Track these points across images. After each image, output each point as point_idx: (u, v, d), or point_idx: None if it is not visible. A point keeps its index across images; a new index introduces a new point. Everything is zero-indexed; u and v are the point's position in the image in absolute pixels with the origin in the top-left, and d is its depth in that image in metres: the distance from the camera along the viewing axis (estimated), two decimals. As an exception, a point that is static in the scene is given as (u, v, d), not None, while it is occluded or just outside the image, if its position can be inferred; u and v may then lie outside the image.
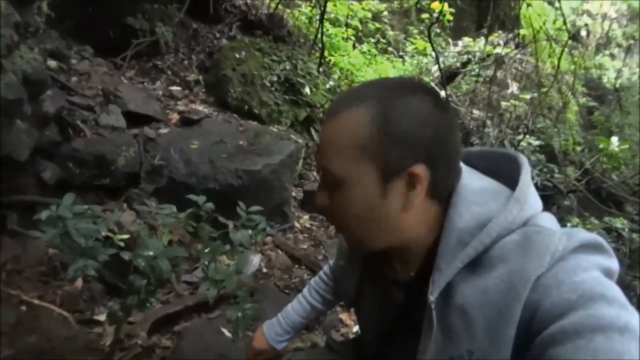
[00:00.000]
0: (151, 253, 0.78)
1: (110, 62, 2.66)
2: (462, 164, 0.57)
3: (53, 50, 2.03)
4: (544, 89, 3.85)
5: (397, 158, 0.50)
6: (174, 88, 2.87)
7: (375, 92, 0.52)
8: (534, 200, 0.53)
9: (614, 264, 0.47)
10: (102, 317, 1.46)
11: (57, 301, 1.44)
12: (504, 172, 0.57)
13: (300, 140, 2.63)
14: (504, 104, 3.86)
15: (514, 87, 3.94)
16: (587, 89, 5.01)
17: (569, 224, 3.66)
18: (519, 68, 4.04)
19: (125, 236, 0.97)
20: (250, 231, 0.97)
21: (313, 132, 3.09)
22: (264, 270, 1.99)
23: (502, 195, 0.53)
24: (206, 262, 0.87)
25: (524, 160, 0.57)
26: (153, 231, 1.08)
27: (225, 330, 1.51)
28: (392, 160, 0.50)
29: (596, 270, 0.45)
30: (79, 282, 1.57)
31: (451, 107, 0.59)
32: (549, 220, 0.51)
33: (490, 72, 3.79)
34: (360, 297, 0.73)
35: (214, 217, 0.96)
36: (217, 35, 3.49)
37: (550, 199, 4.18)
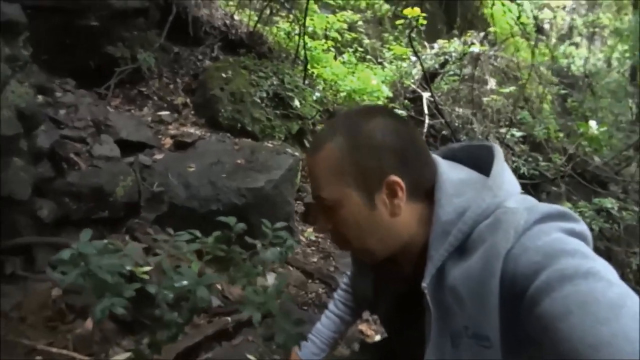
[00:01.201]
0: (185, 282, 0.74)
1: (94, 93, 2.60)
2: (443, 159, 0.65)
3: (37, 84, 1.96)
4: (521, 82, 4.01)
5: (372, 174, 0.58)
6: (162, 113, 2.82)
7: (343, 123, 0.61)
8: (509, 185, 0.59)
9: (578, 226, 0.52)
10: (119, 358, 1.38)
11: (69, 346, 1.35)
12: (483, 162, 0.63)
13: (297, 154, 2.62)
14: (485, 99, 3.99)
15: (492, 83, 4.10)
16: (558, 77, 5.26)
17: (560, 209, 3.79)
18: (495, 64, 4.21)
19: (148, 268, 0.92)
20: (278, 248, 0.95)
21: (307, 144, 3.09)
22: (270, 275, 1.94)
23: (479, 184, 0.59)
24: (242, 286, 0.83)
25: (497, 149, 0.64)
26: (170, 260, 1.03)
27: (251, 357, 1.45)
28: (368, 177, 0.58)
29: (557, 232, 0.50)
30: (89, 324, 1.48)
31: (409, 120, 0.66)
32: (521, 201, 0.56)
33: (467, 71, 3.92)
34: (377, 299, 0.78)
35: (241, 237, 0.93)
36: (200, 57, 3.47)
37: (538, 186, 4.32)
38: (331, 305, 1.01)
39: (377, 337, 1.85)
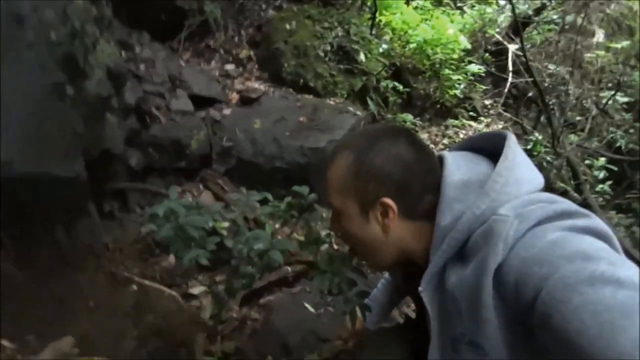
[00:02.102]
0: (261, 246, 0.79)
1: (167, 47, 2.70)
2: (454, 155, 0.65)
3: (119, 40, 2.09)
4: (637, 35, 3.25)
5: (369, 194, 0.63)
6: (228, 67, 2.87)
7: (356, 141, 0.67)
8: (514, 185, 0.55)
9: (582, 221, 0.49)
10: (196, 291, 1.59)
11: (157, 277, 1.58)
12: (501, 151, 0.60)
13: (359, 113, 2.52)
14: (587, 55, 3.30)
15: (599, 35, 3.35)
16: None
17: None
18: (607, 10, 3.41)
19: (227, 224, 1.00)
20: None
21: (370, 103, 2.95)
22: (335, 246, 2.01)
23: (481, 186, 0.57)
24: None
25: (509, 140, 0.61)
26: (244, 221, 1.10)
27: (308, 306, 1.56)
28: (365, 195, 0.64)
29: (554, 233, 0.47)
30: (172, 259, 1.70)
31: (423, 144, 0.68)
32: (520, 205, 0.52)
33: (570, 19, 3.24)
34: (408, 289, 0.84)
35: (311, 205, 0.94)
36: (264, 6, 3.37)
37: (635, 164, 3.68)
38: (387, 274, 1.05)
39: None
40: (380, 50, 3.13)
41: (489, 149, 0.65)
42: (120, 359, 0.93)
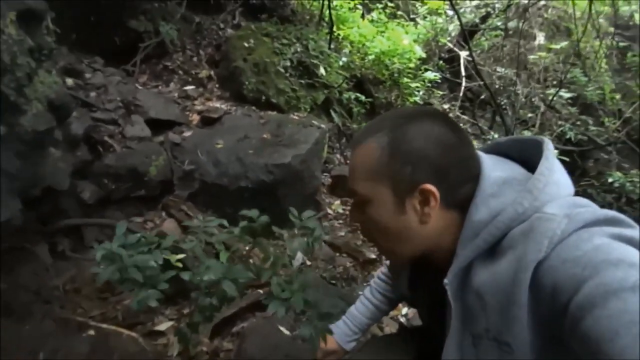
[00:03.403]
0: (213, 277, 0.75)
1: (121, 70, 2.62)
2: (488, 155, 0.62)
3: (66, 67, 2.00)
4: (574, 36, 3.53)
5: (407, 179, 0.56)
6: (188, 87, 2.82)
7: (390, 122, 0.60)
8: (555, 187, 0.54)
9: (629, 231, 0.47)
10: (163, 327, 1.50)
11: (119, 317, 1.48)
12: (533, 158, 0.59)
13: (323, 126, 2.54)
14: (531, 57, 3.56)
15: (540, 38, 3.62)
16: (617, 29, 4.56)
17: (609, 179, 3.46)
18: (545, 15, 3.69)
19: (182, 256, 0.95)
20: (305, 239, 0.93)
21: (333, 114, 2.99)
22: (308, 263, 1.98)
23: (520, 185, 0.55)
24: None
25: (547, 144, 0.59)
26: (207, 246, 1.06)
27: (283, 329, 1.52)
28: (402, 181, 0.57)
29: (600, 238, 0.45)
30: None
31: (460, 127, 0.64)
32: (562, 206, 0.51)
33: (512, 25, 3.48)
34: (414, 294, 0.77)
35: (268, 228, 0.92)
36: (222, 25, 3.36)
37: (586, 154, 3.96)
38: (367, 292, 1.03)
39: (405, 310, 1.87)
40: (340, 63, 3.20)
41: (518, 154, 0.63)
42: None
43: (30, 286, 1.15)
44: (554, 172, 0.55)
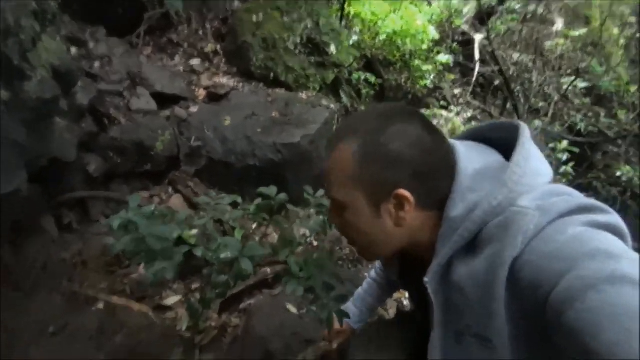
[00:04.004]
0: (229, 255, 0.73)
1: (125, 42, 2.53)
2: (466, 145, 0.60)
3: (69, 36, 1.92)
4: (593, 23, 3.40)
5: (381, 184, 0.56)
6: (193, 62, 2.73)
7: (362, 125, 0.58)
8: (531, 176, 0.53)
9: (603, 217, 0.47)
10: (171, 301, 1.50)
11: (127, 290, 1.48)
12: (511, 142, 0.57)
13: (332, 106, 2.48)
14: (548, 43, 3.42)
15: (559, 24, 3.47)
16: (638, 17, 4.39)
17: (618, 172, 3.41)
18: (566, 1, 3.53)
19: (195, 232, 0.92)
20: (322, 217, 0.91)
21: (342, 95, 2.91)
22: (315, 243, 1.97)
23: (496, 177, 0.54)
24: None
25: (523, 129, 0.57)
26: (218, 224, 1.03)
27: (290, 306, 1.52)
28: (376, 186, 0.56)
29: (575, 227, 0.45)
30: (142, 270, 1.59)
31: (434, 126, 0.61)
32: (540, 197, 0.50)
33: (531, 8, 3.33)
34: (404, 282, 0.78)
35: (282, 206, 0.89)
36: (228, -3, 3.23)
37: (595, 146, 3.89)
38: (373, 273, 1.05)
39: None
40: (351, 42, 3.09)
41: (497, 139, 0.61)
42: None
43: (38, 260, 1.14)
44: (530, 161, 0.54)
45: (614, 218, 0.47)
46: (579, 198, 0.50)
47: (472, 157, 0.57)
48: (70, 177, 1.46)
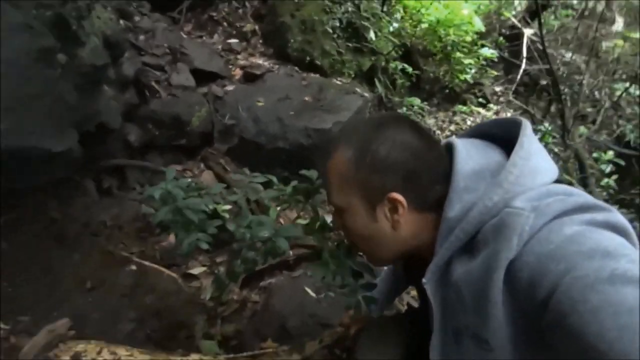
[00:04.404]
0: (266, 234, 0.74)
1: (167, 17, 2.58)
2: (465, 143, 0.60)
3: (117, 7, 1.98)
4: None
5: (375, 188, 0.58)
6: (232, 41, 2.75)
7: (354, 134, 0.61)
8: (529, 176, 0.52)
9: (602, 215, 0.46)
10: (196, 271, 1.56)
11: (157, 256, 1.55)
12: (516, 139, 0.56)
13: (366, 94, 2.43)
14: (605, 44, 3.14)
15: (619, 23, 3.18)
16: None
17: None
18: (630, -3, 3.23)
19: (228, 207, 0.95)
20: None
21: (377, 84, 2.85)
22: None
23: (494, 175, 0.54)
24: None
25: (525, 127, 0.57)
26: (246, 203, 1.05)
27: (309, 290, 1.54)
28: (371, 190, 0.58)
29: (571, 227, 0.44)
30: (173, 238, 1.66)
31: (428, 130, 0.65)
32: (537, 197, 0.49)
33: (590, 4, 3.06)
34: (409, 279, 0.81)
35: (308, 180, 0.89)
36: (270, -24, 3.20)
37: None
38: None
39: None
40: (391, 29, 2.99)
41: (501, 136, 0.61)
42: (118, 340, 0.90)
43: (80, 218, 1.21)
44: (529, 160, 0.53)
45: (614, 215, 0.46)
46: (577, 197, 0.49)
47: (471, 157, 0.57)
48: (112, 144, 1.53)
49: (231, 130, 2.01)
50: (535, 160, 0.54)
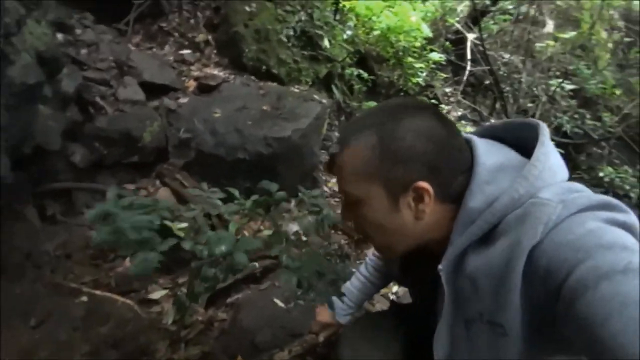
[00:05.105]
0: (224, 249, 0.73)
1: (113, 29, 2.46)
2: (482, 140, 0.60)
3: (55, 21, 1.85)
4: (583, 27, 3.46)
5: (400, 178, 0.56)
6: (184, 51, 2.68)
7: (376, 119, 0.58)
8: (550, 172, 0.54)
9: (621, 215, 0.47)
10: (157, 295, 1.48)
11: (112, 283, 1.46)
12: (527, 141, 0.58)
13: (324, 101, 2.47)
14: (538, 45, 3.47)
15: (550, 26, 3.52)
16: (626, 22, 4.47)
17: (600, 173, 3.51)
18: (557, 2, 3.58)
19: (184, 225, 0.92)
20: (316, 217, 0.91)
21: (335, 90, 2.90)
22: (303, 238, 1.97)
23: (516, 171, 0.55)
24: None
25: (542, 128, 0.58)
26: (206, 218, 1.02)
27: (277, 301, 1.53)
28: (395, 180, 0.56)
29: (594, 222, 0.45)
30: (129, 262, 1.57)
31: (450, 120, 0.63)
32: (557, 192, 0.51)
33: (523, 9, 3.37)
34: (406, 276, 0.78)
35: (270, 194, 0.89)
36: (221, -14, 3.16)
37: (580, 147, 3.99)
38: (362, 268, 1.05)
39: (395, 288, 1.90)
40: (345, 36, 3.07)
41: (511, 138, 0.62)
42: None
43: (22, 249, 1.11)
44: (549, 158, 0.55)
45: (632, 217, 0.48)
46: (601, 195, 0.51)
47: (491, 152, 0.58)
48: (54, 166, 1.42)
49: (187, 143, 1.95)
50: (553, 158, 0.56)
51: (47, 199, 1.46)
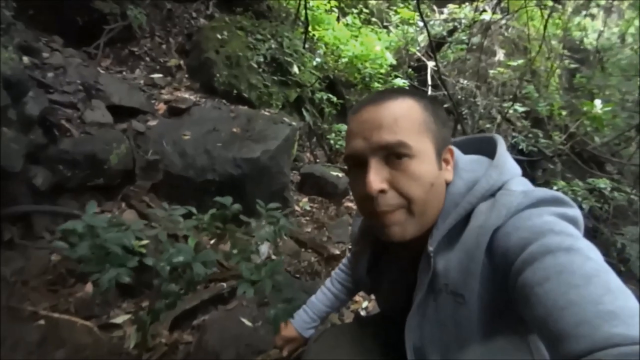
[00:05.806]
0: (182, 259, 0.76)
1: (83, 53, 2.48)
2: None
3: (22, 44, 1.86)
4: (530, 55, 3.84)
5: (443, 138, 0.63)
6: (155, 75, 2.72)
7: (412, 92, 0.65)
8: (511, 167, 0.64)
9: (570, 211, 0.56)
10: (119, 320, 1.45)
11: (71, 309, 1.41)
12: (486, 151, 0.69)
13: (294, 123, 2.57)
14: (491, 71, 3.84)
15: (500, 54, 3.92)
16: (569, 51, 5.03)
17: (554, 187, 3.80)
18: (505, 34, 3.99)
19: (146, 242, 0.94)
20: (272, 227, 0.96)
21: (304, 113, 3.02)
22: (273, 257, 2.00)
23: (486, 163, 0.66)
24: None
25: (499, 138, 0.70)
26: (169, 238, 1.05)
27: (245, 320, 1.53)
28: (442, 139, 0.63)
29: (549, 216, 0.53)
30: (89, 287, 1.53)
31: None
32: (520, 184, 0.61)
33: (476, 40, 3.73)
34: (375, 280, 0.82)
35: (236, 216, 0.94)
36: (194, 14, 3.28)
37: (536, 163, 4.31)
38: (328, 283, 1.07)
39: (365, 304, 1.95)
40: (314, 63, 3.24)
41: (472, 151, 0.72)
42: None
43: (-27, 274, 1.08)
44: (508, 158, 0.66)
45: (577, 212, 0.56)
46: (552, 191, 0.60)
47: (465, 151, 0.69)
48: (14, 189, 1.40)
49: (155, 165, 1.96)
50: (510, 158, 0.66)
51: (5, 223, 1.42)
